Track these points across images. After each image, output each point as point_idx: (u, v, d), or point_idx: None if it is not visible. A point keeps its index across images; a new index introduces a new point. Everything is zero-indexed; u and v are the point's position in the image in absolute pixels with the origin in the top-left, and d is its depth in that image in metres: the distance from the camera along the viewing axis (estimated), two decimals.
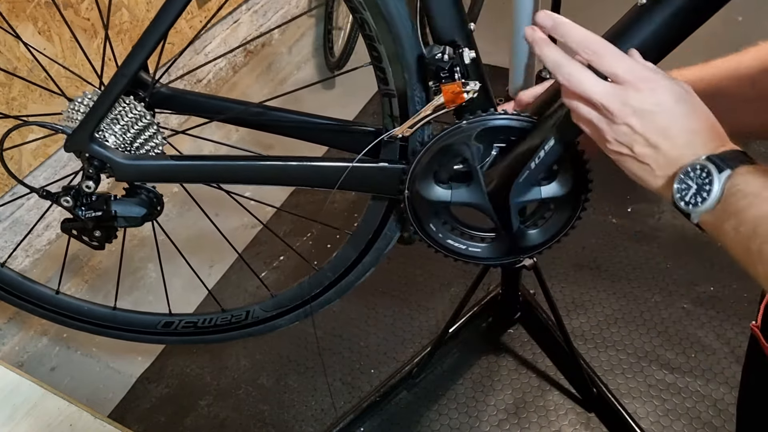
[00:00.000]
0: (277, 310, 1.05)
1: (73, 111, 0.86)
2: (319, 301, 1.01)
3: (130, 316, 1.11)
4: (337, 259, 0.98)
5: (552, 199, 0.81)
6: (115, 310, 1.11)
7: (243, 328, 1.07)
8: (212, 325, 1.08)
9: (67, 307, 1.09)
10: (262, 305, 1.05)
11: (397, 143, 0.82)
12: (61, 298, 1.09)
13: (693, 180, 0.59)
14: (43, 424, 1.11)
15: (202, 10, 1.95)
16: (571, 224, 0.83)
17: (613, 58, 0.62)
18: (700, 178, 0.58)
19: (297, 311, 1.03)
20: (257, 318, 1.05)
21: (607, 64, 0.62)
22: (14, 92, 1.49)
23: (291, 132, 0.90)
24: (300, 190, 1.97)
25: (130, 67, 0.80)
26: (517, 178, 0.77)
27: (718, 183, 0.57)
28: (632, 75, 0.61)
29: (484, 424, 1.44)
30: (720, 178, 0.57)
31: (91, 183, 0.87)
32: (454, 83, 0.73)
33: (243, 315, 1.06)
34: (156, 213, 0.93)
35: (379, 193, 0.88)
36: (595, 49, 0.63)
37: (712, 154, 0.58)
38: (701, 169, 0.58)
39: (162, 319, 1.10)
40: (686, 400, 1.43)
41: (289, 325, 1.05)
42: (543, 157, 0.74)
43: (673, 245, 1.73)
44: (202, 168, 0.88)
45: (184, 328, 1.09)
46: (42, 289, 1.09)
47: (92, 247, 0.94)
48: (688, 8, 0.65)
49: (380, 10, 0.72)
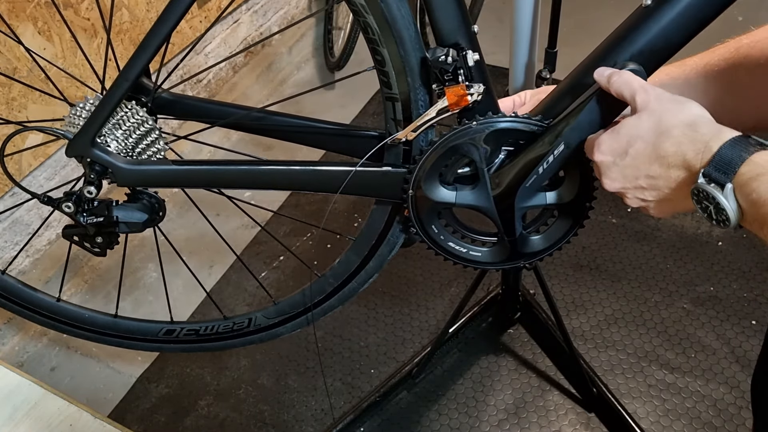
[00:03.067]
0: (279, 318, 1.04)
1: (75, 116, 0.85)
2: (321, 308, 1.00)
3: (131, 324, 1.09)
4: (339, 266, 0.97)
5: (556, 205, 0.81)
6: (116, 317, 1.09)
7: (245, 336, 1.06)
8: (214, 332, 1.07)
9: (68, 314, 1.08)
10: (265, 312, 1.04)
11: (401, 147, 0.81)
12: (61, 306, 1.08)
13: (706, 200, 0.58)
14: (43, 424, 1.11)
15: (203, 10, 1.95)
16: (573, 232, 0.83)
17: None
18: (708, 199, 0.58)
19: (299, 318, 1.02)
20: (259, 325, 1.05)
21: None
22: (14, 92, 1.48)
23: (292, 137, 0.90)
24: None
25: (132, 72, 0.80)
26: (524, 182, 0.77)
27: (727, 200, 0.56)
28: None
29: (484, 424, 1.44)
30: (727, 196, 0.56)
31: (93, 188, 0.86)
32: (458, 86, 0.72)
33: (245, 322, 1.05)
34: (158, 219, 0.92)
35: (383, 198, 0.88)
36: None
37: (706, 167, 0.57)
38: (702, 192, 0.58)
39: (163, 326, 1.08)
40: (686, 400, 1.43)
41: (291, 332, 1.04)
42: (551, 162, 0.74)
43: (673, 245, 1.73)
44: (204, 173, 0.87)
45: (185, 336, 1.08)
46: (42, 296, 1.07)
47: (94, 254, 0.93)
48: (693, 9, 0.66)
49: (383, 14, 0.72)
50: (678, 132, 0.60)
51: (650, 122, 0.62)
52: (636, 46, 0.69)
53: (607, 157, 0.65)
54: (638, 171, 0.64)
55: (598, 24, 2.30)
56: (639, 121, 0.63)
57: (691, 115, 0.61)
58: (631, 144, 0.63)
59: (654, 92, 0.63)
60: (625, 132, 0.64)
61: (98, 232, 0.90)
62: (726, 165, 0.56)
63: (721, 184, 0.56)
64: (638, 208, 0.69)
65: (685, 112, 0.61)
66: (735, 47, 0.74)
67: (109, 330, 1.10)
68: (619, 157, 0.64)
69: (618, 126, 0.65)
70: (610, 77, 0.67)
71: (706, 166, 0.57)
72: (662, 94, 0.63)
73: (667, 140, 0.61)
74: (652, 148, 0.62)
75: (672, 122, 0.61)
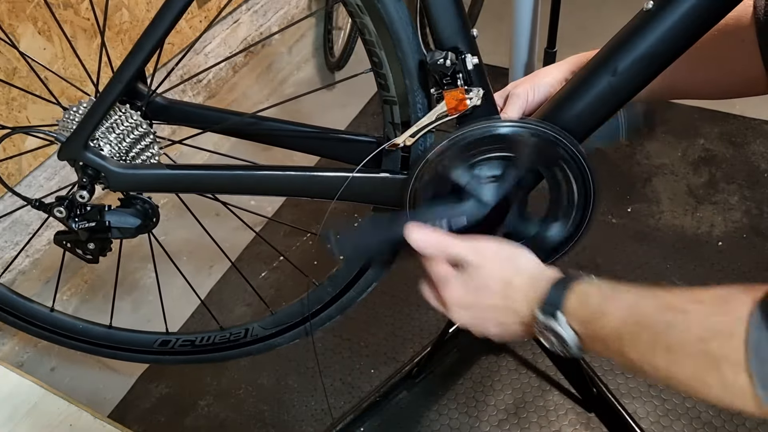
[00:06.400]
0: (276, 328, 1.02)
1: (68, 119, 0.84)
2: (319, 318, 0.99)
3: (126, 335, 1.08)
4: (338, 274, 0.96)
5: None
6: (111, 328, 1.08)
7: (242, 347, 1.05)
8: (210, 343, 1.05)
9: (62, 325, 1.07)
10: (262, 323, 1.03)
11: (399, 153, 0.80)
12: (55, 316, 1.06)
13: (548, 332, 0.65)
14: (43, 424, 1.12)
15: (202, 10, 1.95)
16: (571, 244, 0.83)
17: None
18: (549, 332, 0.64)
19: (297, 329, 1.01)
20: (256, 336, 1.03)
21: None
22: (14, 92, 1.48)
23: (288, 142, 0.89)
24: None
25: (126, 74, 0.78)
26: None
27: (565, 329, 0.63)
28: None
29: (484, 424, 1.44)
30: (562, 326, 0.63)
31: (85, 193, 0.84)
32: (457, 90, 0.72)
33: (242, 333, 1.04)
34: (151, 224, 0.90)
35: (381, 205, 0.86)
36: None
37: (541, 302, 0.65)
38: (542, 327, 0.65)
39: (159, 337, 1.07)
40: (686, 400, 1.43)
41: (288, 343, 1.03)
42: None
43: (673, 245, 1.73)
44: (199, 177, 0.86)
45: (181, 347, 1.07)
46: (36, 306, 1.06)
47: (86, 260, 0.91)
48: (696, 12, 0.65)
49: (380, 14, 0.71)
50: (521, 282, 0.68)
51: (498, 277, 0.70)
52: (638, 51, 0.68)
53: (457, 304, 0.73)
54: (489, 319, 0.72)
55: (598, 24, 2.30)
56: (484, 274, 0.70)
57: (527, 265, 0.70)
58: (484, 295, 0.70)
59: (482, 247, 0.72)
60: (475, 285, 0.71)
61: (90, 237, 0.88)
62: (555, 300, 0.64)
63: (553, 314, 0.64)
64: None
65: (521, 263, 0.70)
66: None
67: (103, 341, 1.08)
68: (470, 310, 0.73)
69: (468, 276, 0.71)
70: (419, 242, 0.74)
71: (539, 305, 0.65)
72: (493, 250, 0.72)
73: (514, 292, 0.68)
74: (503, 300, 0.69)
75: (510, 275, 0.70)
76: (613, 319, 0.59)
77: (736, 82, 0.79)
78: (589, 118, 0.74)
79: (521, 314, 0.68)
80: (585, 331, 0.62)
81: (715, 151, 1.99)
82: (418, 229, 0.74)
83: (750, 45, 0.71)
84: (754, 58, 0.70)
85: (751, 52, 0.71)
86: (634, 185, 1.89)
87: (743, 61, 0.74)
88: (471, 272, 0.71)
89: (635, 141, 2.00)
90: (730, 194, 1.85)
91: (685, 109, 2.10)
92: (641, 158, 1.97)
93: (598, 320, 0.60)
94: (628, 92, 0.72)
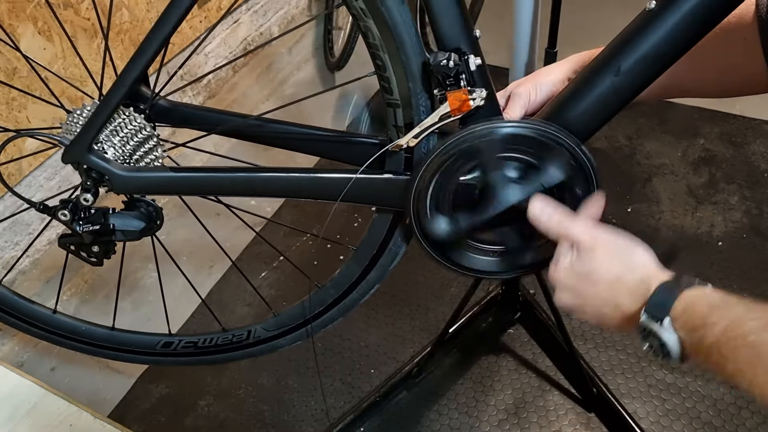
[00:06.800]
0: (278, 330, 1.03)
1: (72, 122, 0.84)
2: (321, 320, 0.99)
3: (128, 336, 1.08)
4: (340, 276, 0.96)
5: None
6: (113, 330, 1.08)
7: (244, 348, 1.05)
8: (213, 345, 1.06)
9: (64, 327, 1.07)
10: (264, 324, 1.03)
11: (402, 154, 0.80)
12: (58, 318, 1.07)
13: (650, 336, 0.64)
14: (43, 424, 1.12)
15: (203, 10, 1.95)
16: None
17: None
18: (651, 336, 0.64)
19: (299, 331, 1.02)
20: (259, 338, 1.04)
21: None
22: (14, 92, 1.48)
23: (291, 145, 0.89)
24: None
25: (129, 76, 0.79)
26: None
27: (668, 334, 0.62)
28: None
29: (484, 424, 1.45)
30: (666, 331, 0.62)
31: (89, 196, 0.85)
32: (460, 90, 0.72)
33: (244, 335, 1.04)
34: (155, 227, 0.91)
35: (384, 206, 0.87)
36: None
37: (647, 304, 0.64)
38: (645, 329, 0.64)
39: (161, 339, 1.07)
40: (686, 400, 1.43)
41: (290, 345, 1.03)
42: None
43: (673, 245, 1.73)
44: (203, 180, 0.86)
45: (184, 349, 1.07)
46: (38, 308, 1.06)
47: (90, 263, 0.91)
48: (698, 12, 0.65)
49: (384, 18, 0.71)
50: (630, 280, 0.68)
51: (607, 269, 0.69)
52: (641, 51, 0.68)
53: (562, 284, 0.73)
54: (590, 306, 0.71)
55: (598, 24, 2.30)
56: (596, 263, 0.70)
57: (640, 264, 0.69)
58: (589, 283, 0.70)
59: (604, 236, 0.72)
60: (584, 271, 0.70)
61: (94, 240, 0.88)
62: (662, 303, 0.63)
63: (659, 318, 0.63)
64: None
65: (635, 261, 0.70)
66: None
67: (105, 343, 1.09)
68: (574, 292, 0.71)
69: (579, 261, 0.70)
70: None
71: (645, 306, 0.64)
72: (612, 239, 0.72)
73: (622, 287, 0.68)
74: (609, 292, 0.69)
75: (622, 271, 0.69)
76: (716, 331, 0.58)
77: (737, 80, 0.79)
78: (593, 118, 0.74)
79: (624, 311, 0.67)
80: (689, 340, 0.61)
81: (715, 151, 1.99)
82: (543, 201, 0.74)
83: (752, 43, 0.72)
84: (755, 56, 0.70)
85: (753, 50, 0.71)
86: (634, 185, 1.89)
87: (745, 59, 0.74)
88: (582, 256, 0.70)
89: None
90: (730, 194, 1.85)
91: (685, 109, 2.10)
92: (641, 158, 1.97)
93: (701, 330, 0.59)
94: (632, 92, 0.72)
